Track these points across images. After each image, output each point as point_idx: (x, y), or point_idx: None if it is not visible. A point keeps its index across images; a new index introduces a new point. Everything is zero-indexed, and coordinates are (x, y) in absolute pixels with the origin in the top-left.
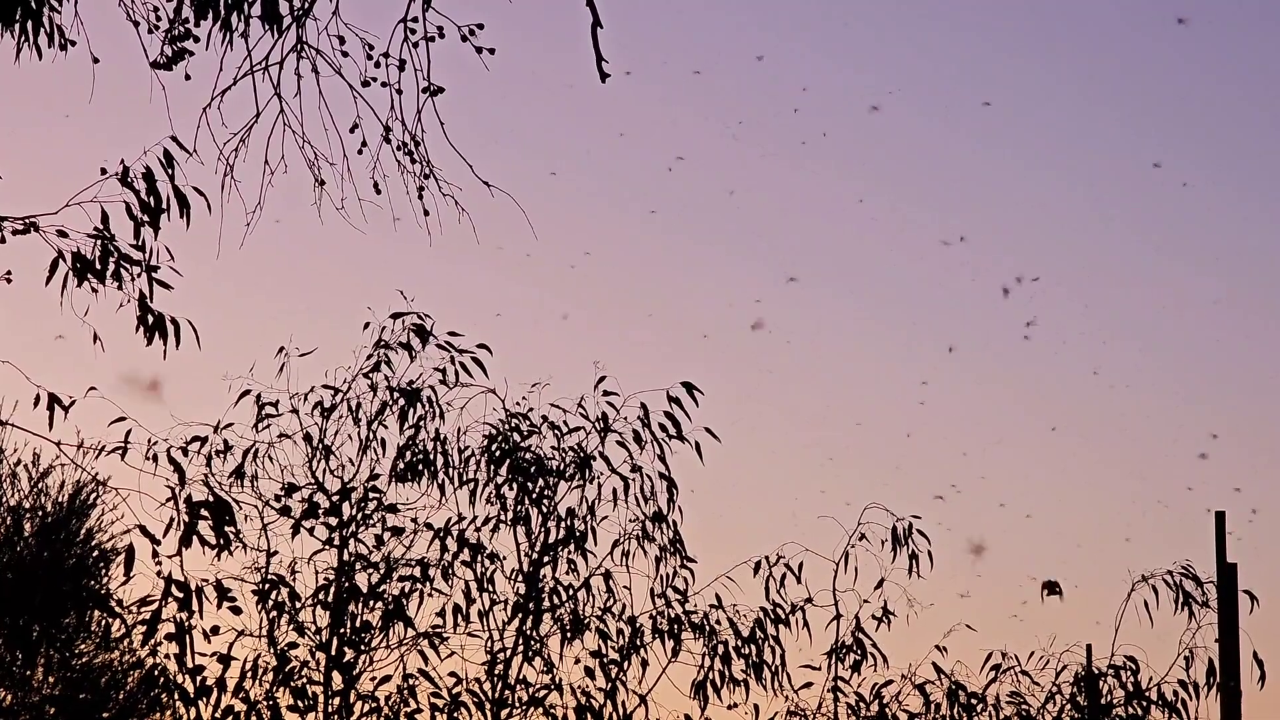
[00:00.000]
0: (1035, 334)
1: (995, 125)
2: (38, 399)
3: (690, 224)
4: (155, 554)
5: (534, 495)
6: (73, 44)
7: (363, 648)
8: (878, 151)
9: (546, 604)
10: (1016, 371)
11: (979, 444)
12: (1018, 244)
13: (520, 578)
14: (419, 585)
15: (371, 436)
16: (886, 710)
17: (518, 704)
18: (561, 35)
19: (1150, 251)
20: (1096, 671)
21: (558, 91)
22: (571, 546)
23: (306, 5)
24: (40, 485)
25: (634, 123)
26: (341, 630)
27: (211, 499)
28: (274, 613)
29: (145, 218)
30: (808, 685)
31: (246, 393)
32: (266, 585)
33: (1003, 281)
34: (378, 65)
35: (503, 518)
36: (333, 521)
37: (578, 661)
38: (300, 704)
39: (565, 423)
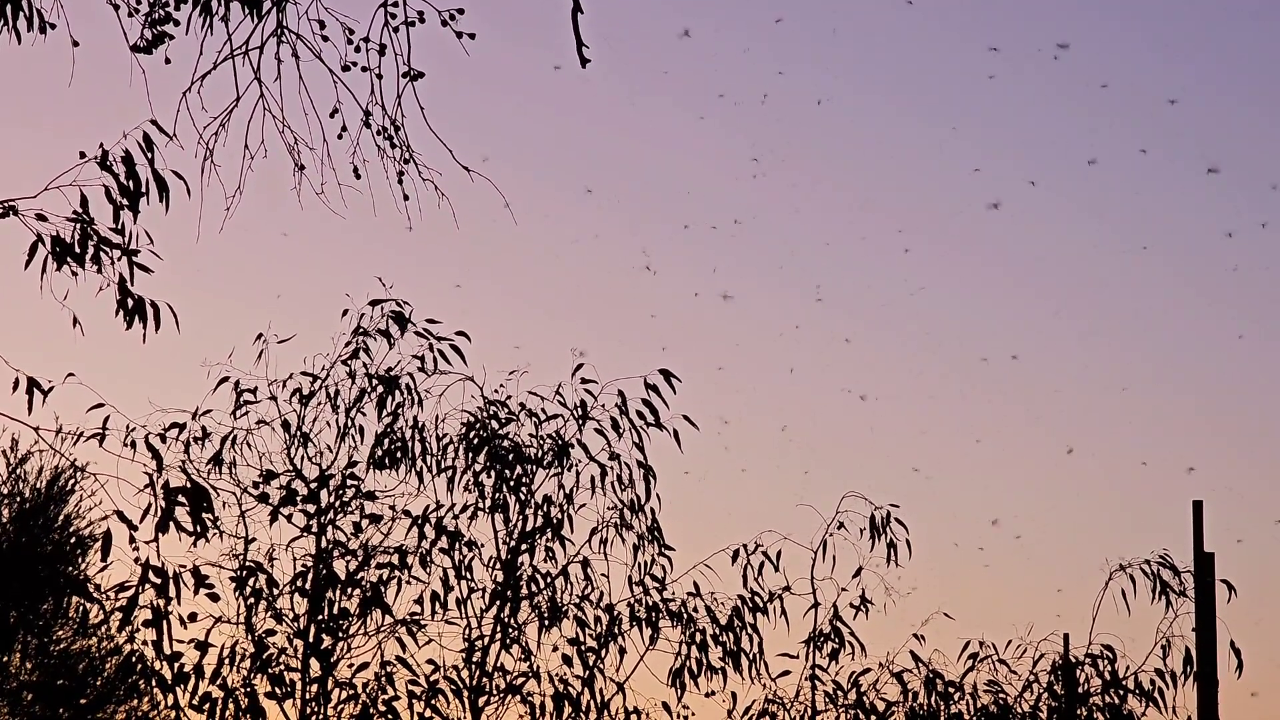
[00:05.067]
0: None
1: None
2: (16, 383)
3: (670, 211)
4: (132, 540)
5: (512, 483)
6: (53, 27)
7: (340, 635)
8: (827, 145)
9: (524, 591)
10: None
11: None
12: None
13: (498, 565)
14: (397, 572)
15: (350, 423)
16: (864, 698)
17: (495, 691)
18: (542, 20)
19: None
20: (1074, 660)
21: (538, 76)
22: (549, 534)
23: None
24: (18, 470)
25: (615, 116)
26: (319, 617)
27: (189, 485)
28: (252, 599)
29: (124, 201)
30: (785, 674)
31: (225, 379)
32: (244, 572)
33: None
34: (358, 50)
35: (481, 505)
36: (311, 508)
37: (555, 649)
38: (278, 691)
39: (543, 410)
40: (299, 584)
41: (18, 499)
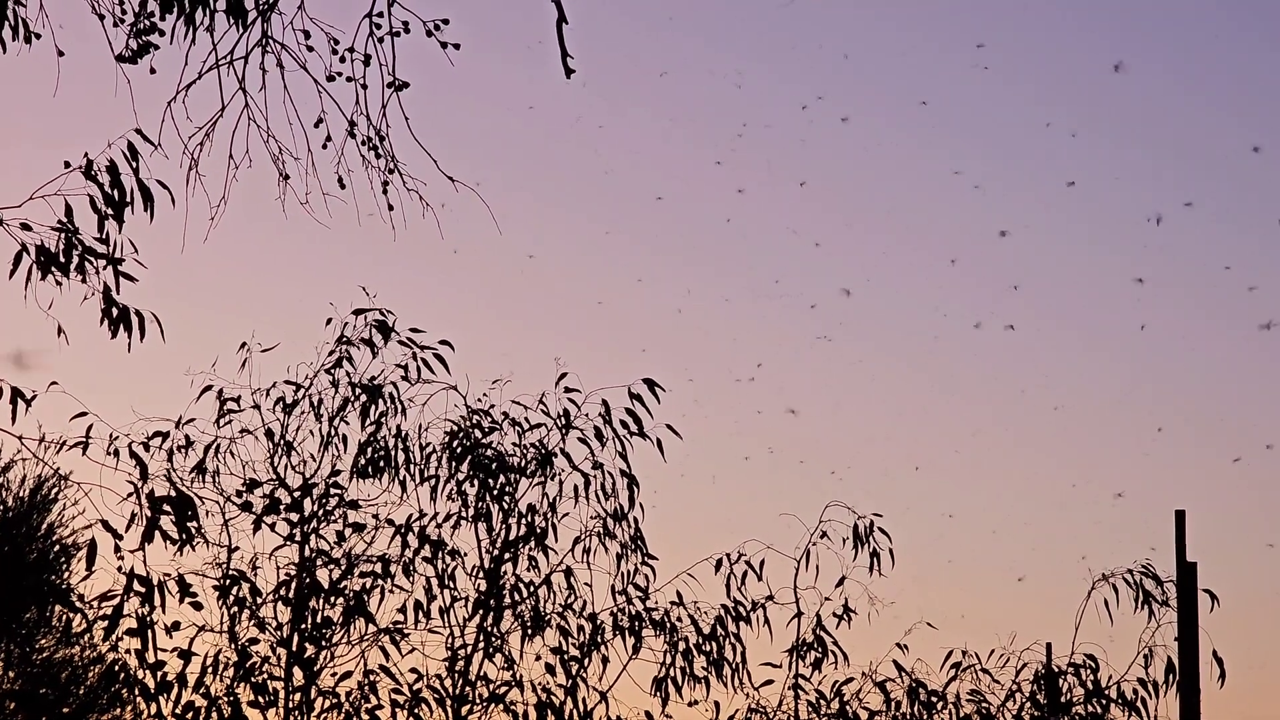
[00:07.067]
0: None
1: None
2: (0, 392)
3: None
4: (117, 549)
5: (495, 492)
6: (38, 37)
7: (324, 644)
8: (819, 154)
9: (507, 601)
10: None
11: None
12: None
13: (481, 574)
14: (380, 581)
15: (333, 432)
16: (847, 708)
17: (478, 700)
18: (527, 31)
19: None
20: (1056, 670)
21: (523, 87)
22: (532, 543)
23: None
24: (1, 479)
25: (603, 119)
26: (303, 626)
27: (173, 494)
28: (235, 608)
29: (109, 211)
30: (769, 683)
31: (209, 388)
32: (228, 581)
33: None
34: (343, 60)
35: (464, 514)
36: (294, 517)
37: (538, 658)
38: (261, 700)
39: (526, 419)
40: (282, 593)
41: (1, 508)
